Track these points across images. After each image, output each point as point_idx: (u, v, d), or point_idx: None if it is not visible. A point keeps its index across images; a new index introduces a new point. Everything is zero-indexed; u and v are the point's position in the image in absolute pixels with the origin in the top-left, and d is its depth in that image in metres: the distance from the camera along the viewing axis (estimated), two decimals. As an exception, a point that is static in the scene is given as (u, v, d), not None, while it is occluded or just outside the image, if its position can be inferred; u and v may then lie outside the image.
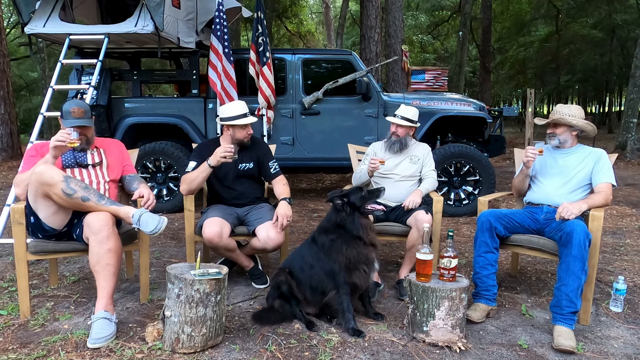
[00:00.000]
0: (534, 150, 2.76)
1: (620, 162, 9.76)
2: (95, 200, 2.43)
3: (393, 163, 3.29)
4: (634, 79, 10.45)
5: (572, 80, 24.84)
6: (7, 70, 10.11)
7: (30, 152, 2.75)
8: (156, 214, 2.50)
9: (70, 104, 2.76)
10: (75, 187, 2.39)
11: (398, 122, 3.27)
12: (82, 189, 2.42)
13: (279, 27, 19.87)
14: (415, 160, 3.31)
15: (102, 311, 2.35)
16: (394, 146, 3.29)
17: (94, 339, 2.27)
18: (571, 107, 2.84)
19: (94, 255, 2.40)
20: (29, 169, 2.54)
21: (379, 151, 3.39)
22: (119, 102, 5.46)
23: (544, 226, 2.77)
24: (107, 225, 2.41)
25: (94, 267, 2.42)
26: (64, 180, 2.36)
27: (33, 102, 19.95)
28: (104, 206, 2.45)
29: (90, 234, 2.41)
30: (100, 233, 2.39)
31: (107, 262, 2.40)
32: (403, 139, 3.29)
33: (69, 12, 5.23)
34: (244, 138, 3.08)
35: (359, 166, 3.43)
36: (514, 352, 2.31)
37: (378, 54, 9.23)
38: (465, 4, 15.73)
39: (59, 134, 2.46)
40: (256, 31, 5.41)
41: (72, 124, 2.64)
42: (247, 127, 3.08)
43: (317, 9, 25.71)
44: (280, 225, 2.87)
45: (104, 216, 2.43)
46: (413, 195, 3.09)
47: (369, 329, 2.52)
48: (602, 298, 2.98)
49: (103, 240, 2.39)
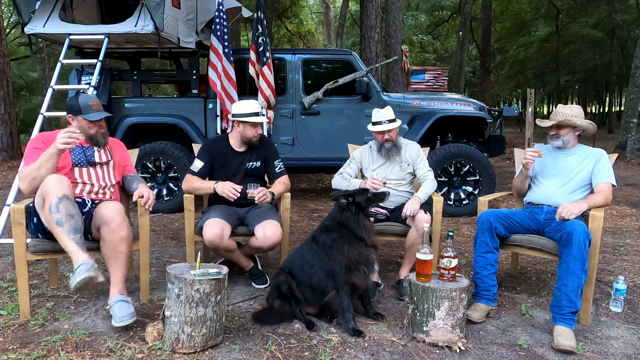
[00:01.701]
0: (533, 153, 2.76)
1: (620, 162, 9.76)
2: (66, 230, 2.32)
3: (384, 172, 3.21)
4: (634, 79, 10.45)
5: (572, 80, 24.84)
6: (7, 70, 10.11)
7: (35, 143, 2.64)
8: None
9: (85, 97, 2.71)
10: (62, 209, 2.33)
11: (387, 128, 3.12)
12: (66, 215, 2.33)
13: (279, 27, 19.86)
14: (405, 167, 3.22)
15: (118, 295, 2.47)
16: (390, 152, 3.18)
17: (120, 317, 2.37)
18: (572, 107, 2.83)
19: (106, 244, 2.48)
20: (34, 161, 2.50)
21: (366, 156, 3.28)
22: (119, 102, 5.46)
23: (544, 226, 2.77)
24: (119, 214, 2.49)
25: (106, 255, 2.51)
26: (59, 198, 2.33)
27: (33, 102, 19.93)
28: (66, 240, 2.32)
29: (102, 224, 2.48)
30: (113, 222, 2.46)
31: (120, 250, 2.49)
32: (396, 140, 3.19)
33: (69, 12, 5.23)
34: (253, 137, 3.09)
35: (344, 169, 3.30)
36: (514, 352, 2.31)
37: (378, 54, 9.23)
38: (465, 4, 15.73)
39: (68, 134, 2.39)
40: (256, 31, 5.41)
41: (98, 117, 2.67)
42: (257, 127, 3.09)
43: (317, 9, 25.71)
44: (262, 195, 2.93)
45: (116, 205, 2.53)
46: (411, 203, 2.95)
47: (369, 329, 2.51)
48: (602, 298, 2.98)
49: (115, 229, 2.46)
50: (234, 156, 3.15)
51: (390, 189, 3.08)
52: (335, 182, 3.25)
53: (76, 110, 2.67)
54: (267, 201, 3.00)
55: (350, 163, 3.34)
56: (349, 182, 3.18)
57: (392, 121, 3.15)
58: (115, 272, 2.51)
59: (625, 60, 19.15)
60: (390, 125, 3.13)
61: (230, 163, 3.13)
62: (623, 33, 18.13)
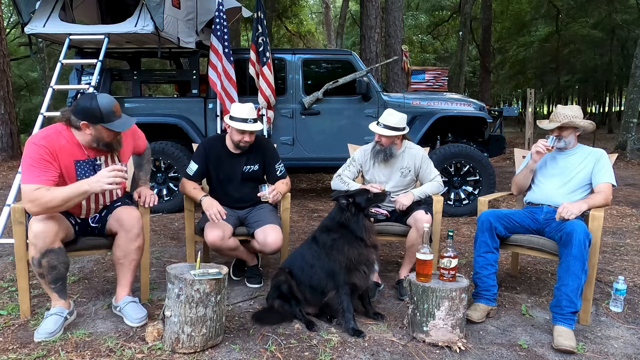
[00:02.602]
0: (546, 143, 2.75)
1: (620, 162, 9.76)
2: (47, 281, 2.37)
3: (384, 176, 3.18)
4: (634, 79, 10.45)
5: (572, 80, 24.84)
6: (7, 70, 10.11)
7: (40, 153, 2.27)
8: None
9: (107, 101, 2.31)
10: (44, 264, 2.31)
11: (380, 131, 3.05)
12: (48, 268, 2.33)
13: (279, 27, 19.86)
14: (407, 173, 3.17)
15: (128, 296, 2.57)
16: (378, 155, 3.12)
17: (137, 319, 2.48)
18: (572, 108, 2.82)
19: (121, 250, 2.53)
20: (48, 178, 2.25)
21: (367, 159, 3.24)
22: (119, 102, 5.43)
23: (544, 226, 2.77)
24: (139, 224, 2.53)
25: (119, 260, 2.56)
26: (41, 254, 2.29)
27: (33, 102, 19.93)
28: (47, 288, 2.42)
29: (121, 230, 2.51)
30: (132, 230, 2.51)
31: (134, 258, 2.56)
32: (387, 148, 3.09)
33: (69, 12, 5.23)
34: (240, 142, 2.98)
35: (343, 170, 3.27)
36: (514, 352, 2.31)
37: (378, 54, 9.23)
38: (465, 4, 15.73)
39: (114, 174, 2.19)
40: (256, 31, 5.41)
41: (125, 127, 2.37)
42: (245, 134, 2.95)
43: (317, 9, 25.71)
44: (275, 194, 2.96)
45: (136, 213, 2.55)
46: (403, 197, 2.96)
47: (369, 329, 2.51)
48: (602, 298, 2.98)
49: (133, 238, 2.52)
50: (229, 158, 3.07)
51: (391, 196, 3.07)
52: (335, 185, 3.23)
53: (97, 117, 2.29)
54: (278, 200, 3.00)
55: (350, 165, 3.29)
56: (347, 186, 3.13)
57: (390, 129, 3.04)
58: (126, 276, 2.59)
59: (625, 60, 19.16)
60: (385, 131, 3.05)
61: (225, 165, 3.05)
62: (623, 33, 18.13)
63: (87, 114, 2.30)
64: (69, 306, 2.49)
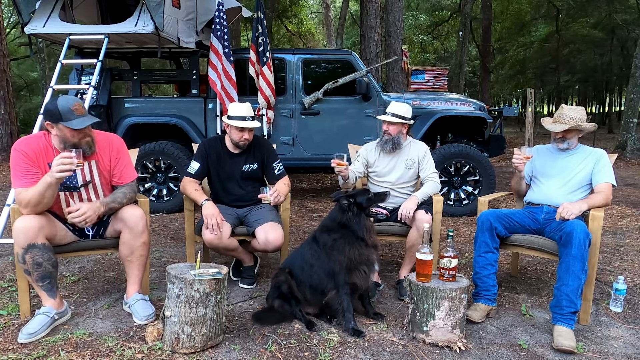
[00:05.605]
0: (519, 156, 2.74)
1: (620, 162, 9.76)
2: (34, 279, 2.38)
3: (388, 167, 3.22)
4: (634, 79, 10.46)
5: (572, 80, 24.86)
6: (7, 70, 10.11)
7: (19, 160, 2.37)
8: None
9: (66, 101, 2.35)
10: (28, 260, 2.32)
11: (388, 119, 3.14)
12: (33, 264, 2.33)
13: (279, 27, 19.87)
14: (411, 165, 3.20)
15: (137, 294, 2.61)
16: (386, 145, 3.18)
17: (145, 316, 2.51)
18: (577, 110, 2.78)
19: (127, 247, 2.56)
20: (27, 181, 2.34)
21: (372, 152, 3.28)
22: (119, 102, 5.46)
23: (544, 226, 2.77)
24: (142, 220, 2.56)
25: (126, 258, 2.59)
26: (24, 249, 2.31)
27: (33, 102, 19.96)
28: (36, 287, 2.43)
29: (125, 227, 2.54)
30: (137, 227, 2.53)
31: (141, 253, 2.60)
32: (395, 137, 3.15)
33: (69, 12, 5.23)
34: (239, 141, 3.04)
35: (352, 165, 3.29)
36: (514, 352, 2.31)
37: (378, 54, 9.24)
38: (465, 4, 15.74)
39: (61, 161, 2.18)
40: (256, 31, 5.41)
41: (82, 125, 2.35)
42: (244, 132, 3.01)
43: (317, 9, 25.72)
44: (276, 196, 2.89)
45: (139, 212, 2.57)
46: (408, 202, 2.97)
47: (369, 329, 2.51)
48: (602, 298, 2.98)
49: (139, 234, 2.55)
50: (228, 157, 3.12)
51: (393, 190, 3.09)
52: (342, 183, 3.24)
53: (56, 116, 2.32)
54: (281, 201, 2.98)
55: (355, 161, 3.33)
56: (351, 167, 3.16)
57: (397, 117, 3.14)
58: (134, 273, 2.62)
59: (625, 60, 19.17)
60: (392, 119, 3.14)
61: (224, 164, 3.10)
62: (623, 33, 18.14)
63: (48, 114, 2.37)
64: (59, 306, 2.47)
